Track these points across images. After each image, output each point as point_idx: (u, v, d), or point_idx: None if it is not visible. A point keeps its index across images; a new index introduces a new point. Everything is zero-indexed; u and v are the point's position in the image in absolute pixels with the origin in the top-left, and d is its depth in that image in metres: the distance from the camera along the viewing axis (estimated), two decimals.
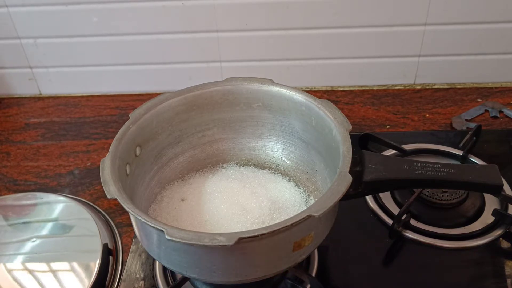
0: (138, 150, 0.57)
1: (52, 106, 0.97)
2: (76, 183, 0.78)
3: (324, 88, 0.97)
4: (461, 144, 0.76)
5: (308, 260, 0.61)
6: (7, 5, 0.88)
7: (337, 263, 0.62)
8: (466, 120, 0.85)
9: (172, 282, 0.60)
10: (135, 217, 0.46)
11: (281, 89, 0.60)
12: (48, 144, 0.87)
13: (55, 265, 0.63)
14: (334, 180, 0.47)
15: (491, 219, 0.65)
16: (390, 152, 0.75)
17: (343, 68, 0.94)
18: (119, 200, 0.47)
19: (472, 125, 0.82)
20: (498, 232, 0.63)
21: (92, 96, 0.99)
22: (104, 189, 0.48)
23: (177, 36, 0.91)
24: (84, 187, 0.77)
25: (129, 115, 0.57)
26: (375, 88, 0.96)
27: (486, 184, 0.53)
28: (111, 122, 0.91)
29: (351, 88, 0.96)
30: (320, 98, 0.58)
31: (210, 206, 0.58)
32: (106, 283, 0.62)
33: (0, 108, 0.97)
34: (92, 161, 0.82)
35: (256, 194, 0.59)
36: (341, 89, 0.96)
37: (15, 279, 0.61)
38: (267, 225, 0.45)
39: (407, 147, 0.76)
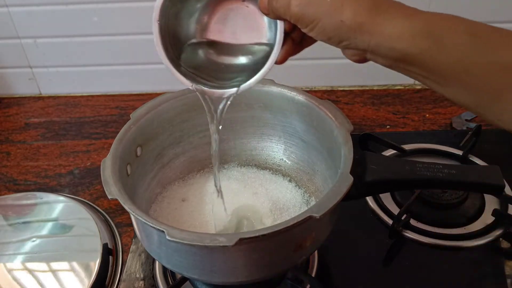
0: (139, 150, 0.57)
1: (52, 106, 0.97)
2: (76, 183, 0.78)
3: (324, 88, 0.97)
4: (461, 144, 0.76)
5: (308, 260, 0.61)
6: (7, 5, 0.88)
7: (337, 263, 0.62)
8: (466, 120, 0.85)
9: (172, 282, 0.60)
10: (135, 217, 0.46)
11: (282, 90, 0.60)
12: (48, 144, 0.87)
13: (55, 265, 0.63)
14: (335, 181, 0.47)
15: (491, 219, 0.65)
16: (390, 152, 0.75)
17: (343, 68, 0.94)
18: (120, 201, 0.47)
19: (472, 125, 0.82)
20: (498, 232, 0.63)
21: (92, 96, 0.99)
22: (104, 189, 0.48)
23: None
24: (84, 187, 0.77)
25: (130, 115, 0.57)
26: (375, 88, 0.96)
27: (488, 185, 0.52)
28: (111, 122, 0.91)
29: (351, 88, 0.96)
30: (320, 98, 0.58)
31: (211, 206, 0.58)
32: (106, 283, 0.62)
33: (0, 108, 0.97)
34: (92, 161, 0.82)
35: (257, 195, 0.59)
36: (341, 89, 0.96)
37: (15, 279, 0.61)
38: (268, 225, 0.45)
39: (407, 147, 0.76)
